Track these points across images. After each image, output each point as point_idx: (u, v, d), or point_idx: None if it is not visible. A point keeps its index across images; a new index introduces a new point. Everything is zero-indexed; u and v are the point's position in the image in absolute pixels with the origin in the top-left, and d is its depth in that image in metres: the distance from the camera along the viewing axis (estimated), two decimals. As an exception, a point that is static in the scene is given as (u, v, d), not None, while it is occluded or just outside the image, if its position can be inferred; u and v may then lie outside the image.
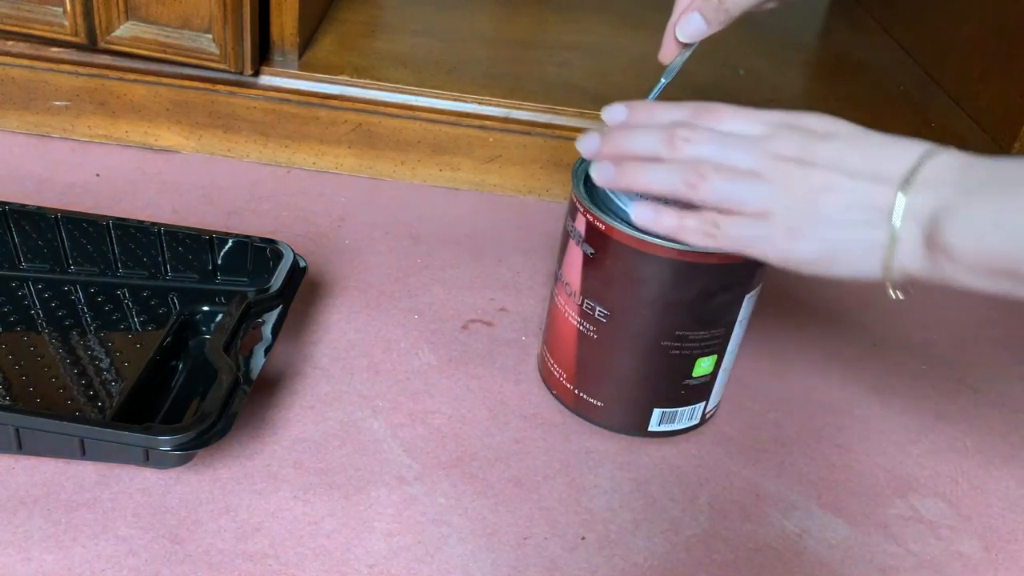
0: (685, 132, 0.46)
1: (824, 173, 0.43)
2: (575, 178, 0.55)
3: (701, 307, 0.52)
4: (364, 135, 0.81)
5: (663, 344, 0.54)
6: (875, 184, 0.42)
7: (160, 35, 0.74)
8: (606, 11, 1.02)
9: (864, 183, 0.42)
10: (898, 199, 0.41)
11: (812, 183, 0.43)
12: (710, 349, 0.55)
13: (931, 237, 0.40)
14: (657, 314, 0.53)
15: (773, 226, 0.44)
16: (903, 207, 0.41)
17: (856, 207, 0.42)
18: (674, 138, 0.46)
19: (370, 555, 0.49)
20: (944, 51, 0.95)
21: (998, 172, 0.40)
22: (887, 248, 0.41)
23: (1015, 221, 0.38)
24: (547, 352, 0.60)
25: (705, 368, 0.55)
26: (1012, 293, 0.40)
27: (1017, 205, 0.38)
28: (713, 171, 0.44)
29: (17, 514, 0.48)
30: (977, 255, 0.39)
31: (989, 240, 0.39)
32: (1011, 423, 0.65)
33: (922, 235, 0.41)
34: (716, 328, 0.54)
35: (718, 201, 0.45)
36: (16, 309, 0.60)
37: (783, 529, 0.54)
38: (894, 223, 0.41)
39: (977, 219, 0.39)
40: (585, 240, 0.53)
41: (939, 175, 0.41)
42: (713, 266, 0.51)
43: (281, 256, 0.61)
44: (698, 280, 0.51)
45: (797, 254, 0.44)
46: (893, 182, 0.41)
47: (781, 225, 0.43)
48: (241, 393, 0.51)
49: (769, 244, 0.44)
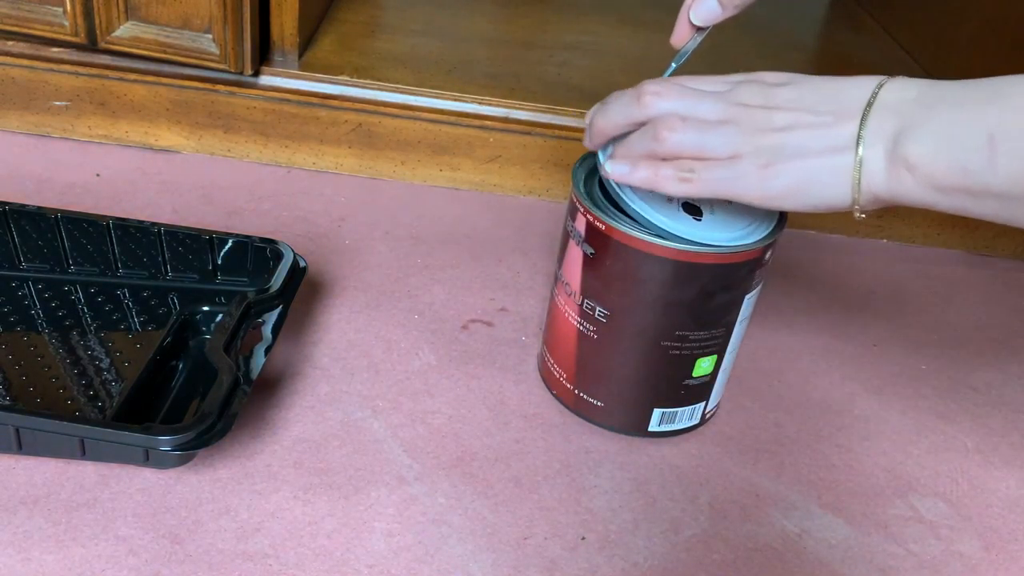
0: (654, 87, 0.48)
1: (788, 113, 0.46)
2: (575, 178, 0.55)
3: (701, 307, 0.52)
4: (364, 135, 0.81)
5: (663, 344, 0.54)
6: (837, 115, 0.45)
7: (160, 35, 0.74)
8: (606, 11, 1.02)
9: (827, 116, 0.45)
10: (861, 123, 0.44)
11: (777, 122, 0.46)
12: (710, 349, 0.55)
13: (893, 155, 0.43)
14: (657, 314, 0.53)
15: (745, 165, 0.46)
16: (867, 130, 0.44)
17: (822, 138, 0.45)
18: (642, 95, 0.48)
19: (370, 555, 0.49)
20: (944, 51, 0.95)
21: (951, 91, 0.43)
22: (854, 171, 0.44)
23: (966, 134, 0.41)
24: (547, 352, 0.60)
25: (705, 368, 0.55)
26: (966, 209, 0.42)
27: (967, 118, 0.41)
28: (680, 122, 0.47)
29: (17, 514, 0.48)
30: (933, 168, 0.42)
31: (944, 153, 0.41)
32: (1011, 423, 0.65)
33: (885, 155, 0.43)
34: (716, 328, 0.54)
35: (690, 150, 0.47)
36: (16, 309, 0.60)
37: (783, 529, 0.54)
38: (859, 146, 0.44)
39: (933, 133, 0.42)
40: (585, 240, 0.53)
41: (897, 97, 0.44)
42: (713, 266, 0.51)
43: (281, 256, 0.61)
44: (698, 280, 0.51)
45: (772, 189, 0.46)
46: (854, 110, 0.44)
47: (752, 164, 0.46)
48: (241, 393, 0.51)
49: (743, 183, 0.46)
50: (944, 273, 0.81)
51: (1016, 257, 0.85)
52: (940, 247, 0.85)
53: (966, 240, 0.85)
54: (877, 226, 0.84)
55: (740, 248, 0.51)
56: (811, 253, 0.81)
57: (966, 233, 0.84)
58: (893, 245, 0.84)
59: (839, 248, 0.83)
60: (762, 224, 0.53)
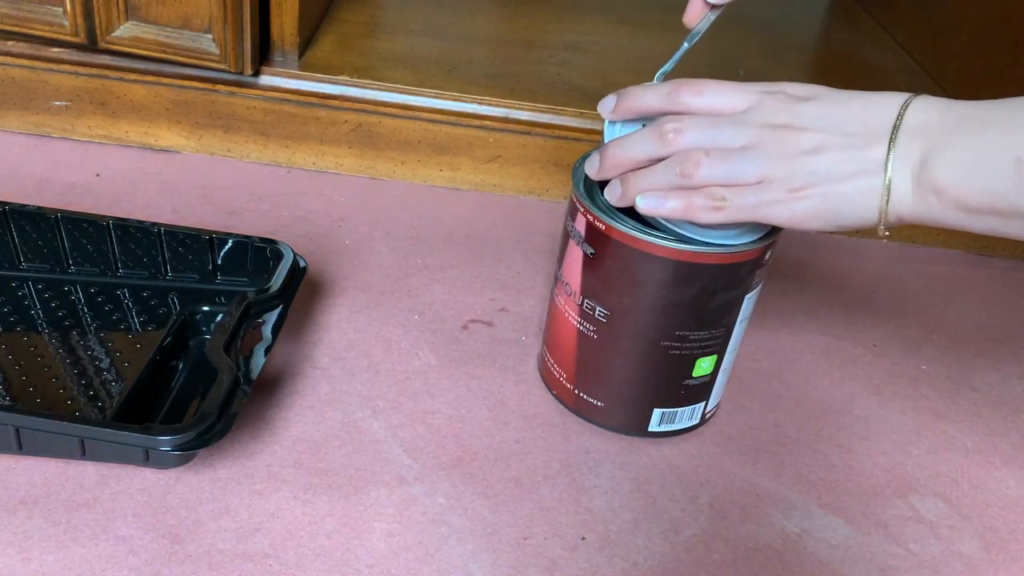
0: (673, 124, 0.48)
1: (814, 134, 0.45)
2: (575, 178, 0.55)
3: (701, 307, 0.52)
4: (364, 135, 0.81)
5: (663, 344, 0.54)
6: (864, 138, 0.44)
7: (160, 35, 0.74)
8: (606, 11, 1.02)
9: (854, 138, 0.45)
10: (890, 147, 0.44)
11: (804, 144, 0.45)
12: (710, 349, 0.55)
13: (920, 179, 0.43)
14: (657, 314, 0.53)
15: (776, 190, 0.46)
16: (894, 155, 0.44)
17: (852, 161, 0.45)
18: (664, 134, 0.48)
19: (370, 555, 0.49)
20: (944, 51, 0.95)
21: (971, 113, 0.43)
22: (882, 195, 0.44)
23: (992, 156, 0.41)
24: (547, 352, 0.60)
25: (705, 368, 0.55)
26: (995, 230, 0.43)
27: (993, 141, 0.41)
28: (704, 156, 0.46)
29: (17, 514, 0.48)
30: (960, 192, 0.42)
31: (971, 177, 0.42)
32: (1011, 423, 0.65)
33: (912, 178, 0.43)
34: (716, 328, 0.54)
35: (718, 180, 0.47)
36: (16, 309, 0.60)
37: (783, 529, 0.54)
38: (887, 170, 0.44)
39: (960, 156, 0.42)
40: (585, 240, 0.53)
41: (922, 120, 0.44)
42: (713, 266, 0.51)
43: (281, 256, 0.61)
44: (698, 280, 0.51)
45: (802, 212, 0.46)
46: (882, 132, 0.44)
47: (783, 188, 0.46)
48: (241, 393, 0.51)
49: (774, 208, 0.46)
50: (944, 273, 0.81)
51: (1016, 257, 0.85)
52: (940, 247, 0.85)
53: (966, 240, 0.85)
54: (877, 226, 0.84)
55: (740, 248, 0.51)
56: (811, 253, 0.81)
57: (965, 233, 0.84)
58: (893, 245, 0.84)
59: (839, 248, 0.83)
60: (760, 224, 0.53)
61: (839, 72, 0.96)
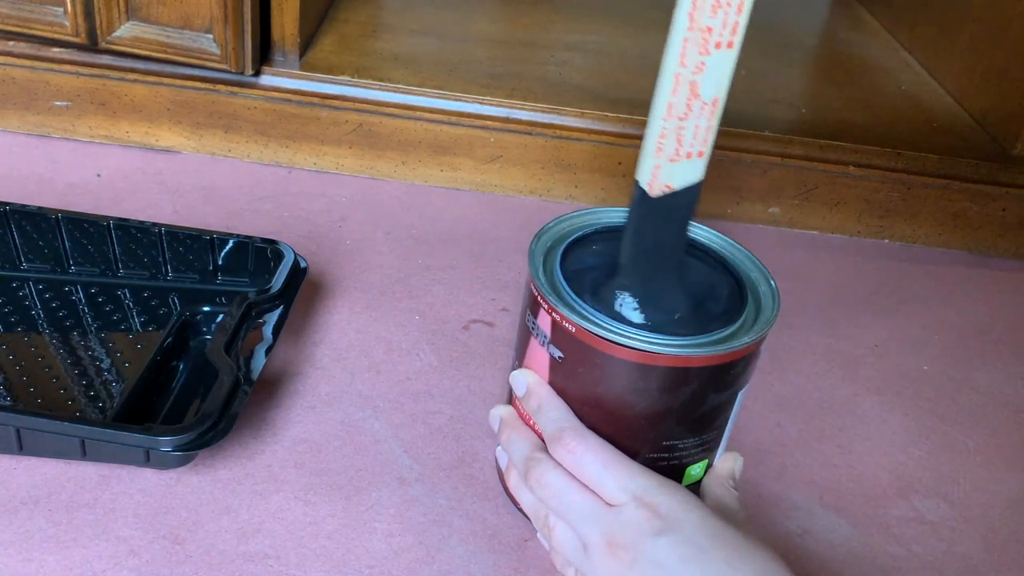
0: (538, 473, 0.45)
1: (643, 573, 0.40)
2: (533, 262, 0.45)
3: (693, 412, 0.45)
4: (365, 135, 0.81)
5: (649, 457, 0.46)
6: None
7: (161, 35, 0.74)
8: (607, 11, 1.02)
9: None
10: None
11: None
12: (701, 455, 0.48)
13: None
14: (643, 426, 0.45)
15: None
16: None
17: None
18: (528, 475, 0.45)
19: (371, 556, 0.49)
20: (944, 51, 0.95)
21: None
22: None
23: None
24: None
25: (695, 476, 0.48)
26: None
27: None
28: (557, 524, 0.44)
29: (18, 514, 0.48)
30: None
31: None
32: (1012, 423, 0.65)
33: None
34: (708, 432, 0.47)
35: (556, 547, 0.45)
36: (17, 309, 0.60)
37: (785, 530, 0.54)
38: None
39: None
40: (551, 342, 0.45)
41: None
42: (707, 368, 0.43)
43: (282, 256, 0.61)
44: (691, 384, 0.44)
45: None
46: None
47: None
48: (242, 394, 0.51)
49: None
50: (944, 273, 0.81)
51: (1016, 257, 0.85)
52: (940, 247, 0.85)
53: (966, 240, 0.85)
54: (878, 226, 0.84)
55: (737, 346, 0.43)
56: (811, 253, 0.81)
57: (967, 233, 0.84)
58: (894, 245, 0.84)
59: (839, 248, 0.83)
60: None
61: (839, 72, 0.96)
